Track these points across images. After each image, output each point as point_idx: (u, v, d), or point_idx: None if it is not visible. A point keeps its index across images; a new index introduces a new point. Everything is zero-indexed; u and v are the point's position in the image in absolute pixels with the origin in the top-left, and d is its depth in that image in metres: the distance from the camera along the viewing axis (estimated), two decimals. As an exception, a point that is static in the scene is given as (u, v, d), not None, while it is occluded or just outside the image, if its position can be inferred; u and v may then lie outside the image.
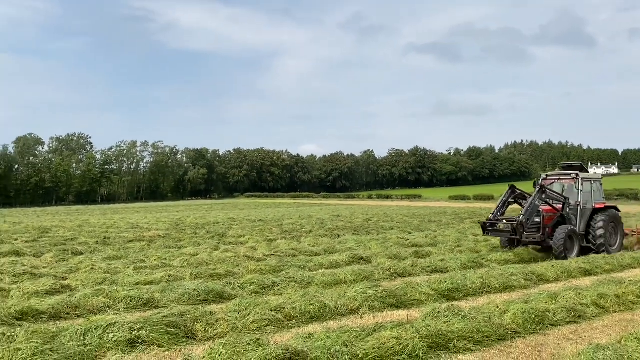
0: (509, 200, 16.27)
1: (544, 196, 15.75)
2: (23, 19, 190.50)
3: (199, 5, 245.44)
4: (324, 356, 6.16)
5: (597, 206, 16.70)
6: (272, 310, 8.43)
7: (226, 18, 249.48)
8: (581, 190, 16.49)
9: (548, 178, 17.58)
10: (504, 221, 15.38)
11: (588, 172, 17.46)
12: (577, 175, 16.72)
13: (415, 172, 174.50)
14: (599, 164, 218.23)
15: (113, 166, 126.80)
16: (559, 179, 17.32)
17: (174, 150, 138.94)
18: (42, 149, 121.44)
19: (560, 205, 16.27)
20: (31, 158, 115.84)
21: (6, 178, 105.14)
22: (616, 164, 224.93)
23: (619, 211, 17.60)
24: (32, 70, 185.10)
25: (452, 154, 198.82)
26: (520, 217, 14.97)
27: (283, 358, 5.84)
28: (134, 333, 7.12)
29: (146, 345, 7.00)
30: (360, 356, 6.28)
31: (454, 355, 6.89)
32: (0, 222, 37.44)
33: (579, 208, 16.35)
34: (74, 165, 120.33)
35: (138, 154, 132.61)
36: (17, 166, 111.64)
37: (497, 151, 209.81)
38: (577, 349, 6.78)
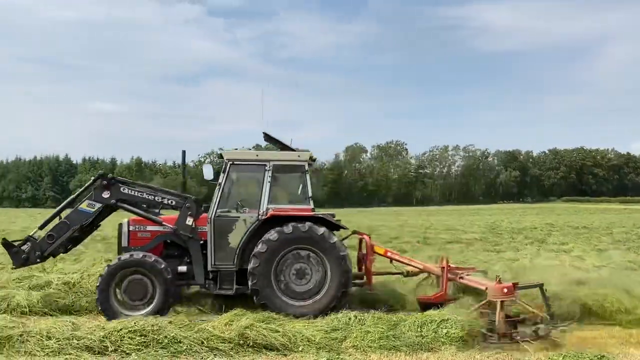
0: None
1: (107, 195, 9.06)
2: (345, 43, 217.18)
3: (509, 3, 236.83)
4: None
5: (273, 214, 8.99)
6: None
7: (539, 12, 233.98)
8: (221, 185, 9.20)
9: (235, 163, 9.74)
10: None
11: (282, 151, 9.81)
12: (220, 156, 9.55)
13: None
14: None
15: (427, 170, 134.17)
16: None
17: (485, 153, 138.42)
18: (366, 156, 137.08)
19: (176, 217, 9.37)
20: (357, 164, 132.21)
21: (337, 182, 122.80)
22: None
23: (339, 227, 9.40)
24: (353, 86, 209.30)
25: None
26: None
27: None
28: (465, 331, 7.40)
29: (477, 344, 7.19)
30: None
31: None
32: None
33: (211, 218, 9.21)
34: (392, 170, 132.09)
35: (450, 157, 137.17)
36: (345, 172, 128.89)
37: None
38: None
